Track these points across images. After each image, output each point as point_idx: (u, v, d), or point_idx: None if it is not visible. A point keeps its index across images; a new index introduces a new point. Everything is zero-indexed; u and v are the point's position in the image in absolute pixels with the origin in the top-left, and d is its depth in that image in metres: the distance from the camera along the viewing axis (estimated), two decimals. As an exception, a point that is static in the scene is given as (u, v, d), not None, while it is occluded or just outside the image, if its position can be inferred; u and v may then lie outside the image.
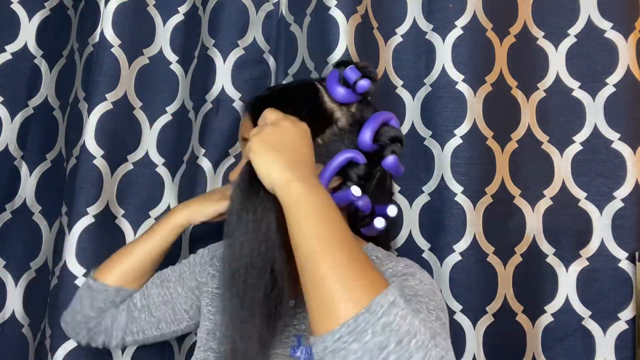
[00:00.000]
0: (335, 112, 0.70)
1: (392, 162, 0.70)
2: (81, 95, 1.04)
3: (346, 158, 0.67)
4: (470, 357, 0.92)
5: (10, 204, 1.08)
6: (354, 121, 0.70)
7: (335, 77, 0.71)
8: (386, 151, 0.70)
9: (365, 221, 0.70)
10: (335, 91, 0.70)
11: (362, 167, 0.67)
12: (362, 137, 0.68)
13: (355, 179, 0.67)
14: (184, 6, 1.10)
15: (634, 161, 0.94)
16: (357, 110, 0.72)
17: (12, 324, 1.07)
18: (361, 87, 0.69)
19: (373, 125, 0.69)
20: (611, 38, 0.97)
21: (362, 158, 0.67)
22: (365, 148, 0.69)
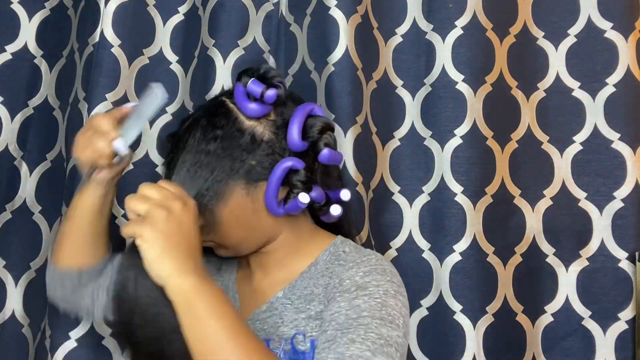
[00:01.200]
0: (256, 128, 0.68)
1: (327, 155, 0.69)
2: (81, 95, 1.03)
3: (284, 169, 0.66)
4: (470, 357, 0.92)
5: (10, 204, 1.08)
6: (277, 128, 0.69)
7: (242, 93, 0.68)
8: (319, 146, 0.69)
9: (323, 210, 0.70)
10: (247, 110, 0.67)
11: (302, 172, 0.67)
12: (291, 141, 0.67)
13: (300, 185, 0.67)
14: (184, 6, 1.10)
15: (634, 161, 0.94)
16: (276, 115, 0.69)
17: (12, 324, 1.07)
18: (269, 98, 0.67)
19: (297, 124, 0.67)
20: (611, 38, 0.97)
21: (299, 163, 0.67)
22: (298, 149, 0.68)
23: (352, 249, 0.71)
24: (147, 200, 0.58)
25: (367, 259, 0.68)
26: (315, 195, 0.68)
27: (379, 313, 0.61)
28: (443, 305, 0.94)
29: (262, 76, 0.69)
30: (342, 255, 0.70)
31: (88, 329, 0.96)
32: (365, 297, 0.63)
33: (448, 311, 0.94)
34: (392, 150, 1.02)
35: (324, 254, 0.71)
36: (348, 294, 0.64)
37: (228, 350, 0.55)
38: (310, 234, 0.74)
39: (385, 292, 0.64)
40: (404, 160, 1.02)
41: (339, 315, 0.62)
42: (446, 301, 0.94)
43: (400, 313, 0.63)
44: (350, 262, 0.68)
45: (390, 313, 0.62)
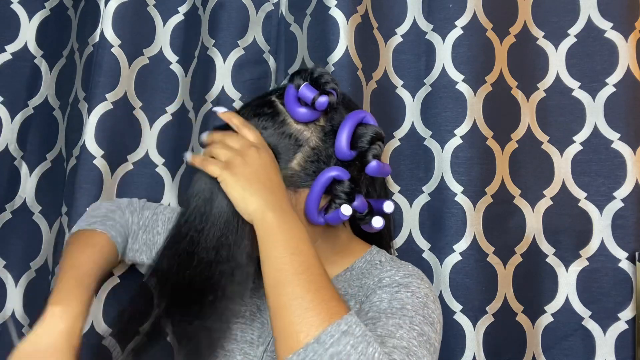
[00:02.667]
0: (303, 133, 0.66)
1: (375, 167, 0.67)
2: (81, 95, 1.04)
3: (328, 178, 0.65)
4: (470, 357, 0.92)
5: (10, 204, 1.08)
6: (325, 135, 0.67)
7: (293, 97, 0.67)
8: (367, 157, 0.67)
9: (365, 219, 0.68)
10: (296, 114, 0.66)
11: (346, 183, 0.65)
12: (338, 149, 0.66)
13: (343, 196, 0.65)
14: (184, 6, 1.10)
15: (634, 161, 0.94)
16: (325, 120, 0.68)
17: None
18: (321, 105, 0.65)
19: (347, 132, 0.66)
20: (611, 38, 0.97)
21: (344, 174, 0.65)
22: (345, 158, 0.66)
23: (388, 259, 0.72)
24: (228, 148, 0.63)
25: (405, 266, 0.69)
26: (357, 205, 0.66)
27: (422, 311, 0.61)
28: (443, 305, 0.94)
29: (315, 80, 0.67)
30: (378, 264, 0.70)
31: (88, 329, 0.96)
32: (408, 293, 0.63)
33: (448, 311, 0.94)
34: (392, 150, 1.02)
35: (360, 261, 0.72)
36: (389, 288, 0.64)
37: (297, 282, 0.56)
38: (346, 244, 0.74)
39: (426, 295, 0.64)
40: (404, 160, 1.02)
41: (381, 302, 0.62)
42: (446, 301, 0.94)
43: (439, 319, 0.63)
44: (389, 267, 0.68)
45: (431, 315, 0.62)
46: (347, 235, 0.75)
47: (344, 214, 0.64)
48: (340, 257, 0.73)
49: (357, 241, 0.76)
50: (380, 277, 0.66)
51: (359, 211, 0.67)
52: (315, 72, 0.68)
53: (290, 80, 0.69)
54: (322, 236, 0.70)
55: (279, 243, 0.59)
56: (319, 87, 0.66)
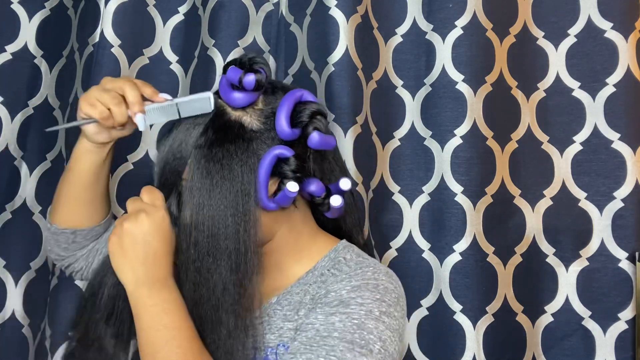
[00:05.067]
0: (243, 119, 0.64)
1: (316, 140, 0.64)
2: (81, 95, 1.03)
3: (271, 159, 0.63)
4: (470, 357, 0.92)
5: (10, 204, 1.08)
6: (265, 118, 0.65)
7: (225, 84, 0.65)
8: (308, 129, 0.64)
9: (325, 205, 0.65)
10: (231, 99, 0.64)
11: (292, 160, 0.63)
12: (279, 128, 0.64)
13: (291, 175, 0.63)
14: (184, 6, 1.10)
15: (634, 161, 0.94)
16: (264, 104, 0.66)
17: (12, 324, 1.07)
18: (248, 84, 0.63)
19: (285, 111, 0.64)
20: (611, 38, 0.97)
21: (287, 150, 0.63)
22: (288, 137, 0.64)
23: (353, 257, 0.68)
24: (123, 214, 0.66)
25: (362, 272, 0.64)
26: (315, 189, 0.64)
27: (351, 336, 0.58)
28: (443, 305, 0.94)
29: (241, 63, 0.65)
30: (341, 262, 0.67)
31: (88, 329, 0.96)
32: (342, 316, 0.60)
33: (448, 311, 0.94)
34: (392, 150, 1.02)
35: (323, 260, 0.68)
36: (328, 308, 0.61)
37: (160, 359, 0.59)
38: (310, 236, 0.71)
39: (368, 312, 0.60)
40: (404, 160, 1.02)
41: (311, 327, 0.60)
42: (446, 301, 0.94)
43: (380, 337, 0.59)
44: (344, 274, 0.65)
45: (365, 337, 0.58)
46: (310, 228, 0.71)
47: (290, 190, 0.62)
48: (306, 254, 0.69)
49: (323, 236, 0.72)
50: (328, 290, 0.63)
51: (316, 195, 0.65)
52: (245, 57, 0.66)
53: (223, 72, 0.67)
54: (282, 226, 0.68)
55: (143, 320, 0.61)
56: (244, 68, 0.65)
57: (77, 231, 0.79)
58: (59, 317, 0.95)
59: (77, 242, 0.80)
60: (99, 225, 0.80)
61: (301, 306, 0.65)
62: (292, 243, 0.69)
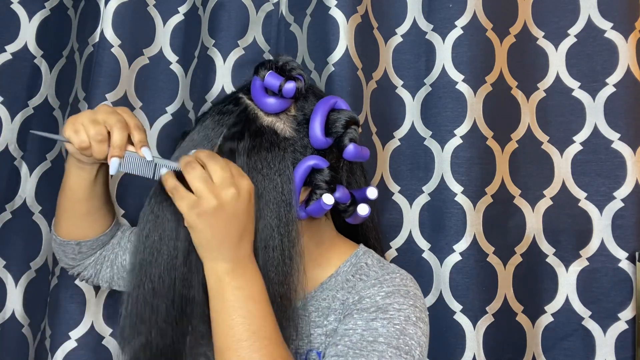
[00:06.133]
0: (275, 125, 0.63)
1: (353, 151, 0.64)
2: (81, 95, 1.03)
3: (306, 168, 0.62)
4: (470, 357, 0.92)
5: (10, 204, 1.08)
6: (298, 124, 0.64)
7: (259, 88, 0.64)
8: (344, 141, 0.64)
9: (348, 211, 0.65)
10: (265, 105, 0.63)
11: (326, 172, 0.62)
12: (313, 137, 0.63)
13: (324, 186, 0.62)
14: (184, 6, 1.10)
15: (634, 161, 0.94)
16: (296, 110, 0.65)
17: (12, 324, 1.07)
18: (288, 92, 0.62)
19: (320, 119, 0.63)
20: (611, 38, 0.97)
21: (322, 162, 0.62)
22: (321, 146, 0.63)
23: (375, 262, 0.68)
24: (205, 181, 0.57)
25: (391, 278, 0.64)
26: (340, 196, 0.63)
27: (396, 341, 0.58)
28: (443, 305, 0.94)
29: (280, 68, 0.64)
30: (364, 268, 0.67)
31: (88, 329, 0.96)
32: (384, 321, 0.59)
33: (448, 311, 0.94)
34: (392, 150, 1.02)
35: (345, 265, 0.68)
36: (367, 314, 0.60)
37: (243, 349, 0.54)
38: (331, 241, 0.70)
39: (407, 318, 0.60)
40: (404, 160, 1.02)
41: (353, 332, 0.59)
42: (446, 301, 0.94)
43: (419, 343, 0.59)
44: (373, 279, 0.64)
45: (408, 343, 0.58)
46: (331, 234, 0.71)
47: (326, 203, 0.61)
48: (326, 258, 0.69)
49: (343, 240, 0.72)
50: (361, 296, 0.63)
51: (341, 202, 0.64)
52: (280, 61, 0.65)
53: (255, 73, 0.65)
54: (305, 234, 0.65)
55: (227, 306, 0.56)
56: (284, 74, 0.64)
57: (81, 242, 0.78)
58: (59, 317, 0.94)
59: (83, 252, 0.79)
60: (103, 234, 0.79)
61: (330, 312, 0.65)
62: (313, 248, 0.68)
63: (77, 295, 0.95)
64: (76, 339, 0.95)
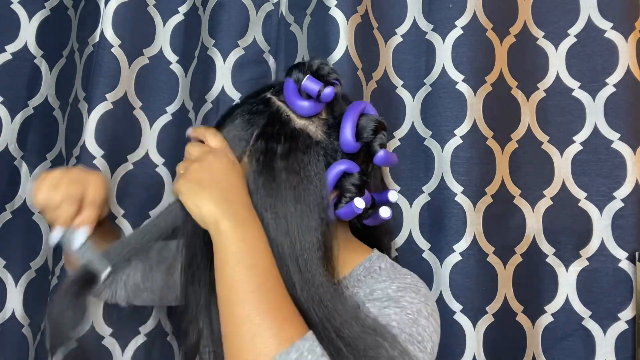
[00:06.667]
0: (308, 128, 0.64)
1: (383, 157, 0.65)
2: (81, 95, 1.04)
3: (338, 172, 0.63)
4: (470, 357, 0.92)
5: (10, 204, 1.08)
6: (329, 128, 0.65)
7: (293, 90, 0.64)
8: (374, 147, 0.64)
9: (368, 213, 0.66)
10: (299, 108, 0.63)
11: (356, 176, 0.63)
12: (344, 141, 0.63)
13: (353, 190, 0.63)
14: (184, 6, 1.10)
15: (634, 161, 0.94)
16: (327, 113, 0.66)
17: (12, 324, 1.07)
18: (326, 97, 0.63)
19: (351, 124, 0.63)
20: (611, 38, 0.97)
21: (354, 166, 0.63)
22: (352, 150, 0.64)
23: (388, 266, 0.68)
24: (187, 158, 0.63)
25: (403, 277, 0.65)
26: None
27: (409, 329, 0.58)
28: (443, 305, 0.94)
29: (316, 73, 0.64)
30: (377, 271, 0.67)
31: (88, 329, 0.96)
32: (397, 309, 0.59)
33: (448, 311, 0.94)
34: (392, 151, 1.02)
35: (358, 268, 0.68)
36: (379, 302, 0.60)
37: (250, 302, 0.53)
38: (345, 245, 0.70)
39: (419, 311, 0.60)
40: (404, 160, 1.02)
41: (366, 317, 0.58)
42: (446, 301, 0.94)
43: (431, 337, 0.59)
44: (384, 276, 0.65)
45: (421, 333, 0.58)
46: (346, 237, 0.72)
47: (358, 207, 0.62)
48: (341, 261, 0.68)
49: (357, 244, 0.73)
50: (373, 289, 0.63)
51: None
52: (315, 64, 0.65)
53: (288, 74, 0.66)
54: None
55: (231, 256, 0.55)
56: (322, 79, 0.64)
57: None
58: (59, 317, 0.94)
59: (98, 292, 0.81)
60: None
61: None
62: None
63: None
64: (76, 339, 0.95)
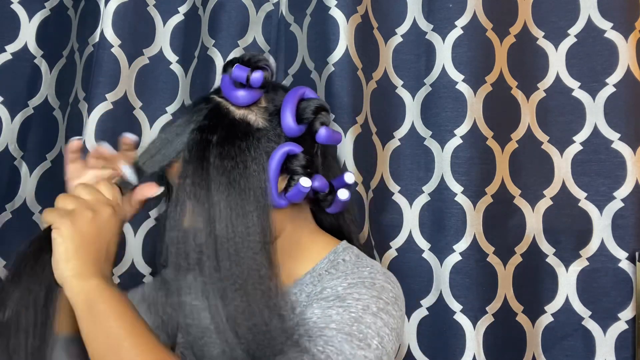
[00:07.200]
0: (247, 117, 0.65)
1: (325, 134, 0.65)
2: (81, 95, 1.04)
3: (281, 155, 0.63)
4: (470, 357, 0.92)
5: (10, 204, 1.08)
6: (270, 115, 0.65)
7: (228, 83, 0.65)
8: (315, 125, 0.65)
9: (327, 200, 0.66)
10: (235, 98, 0.64)
11: (301, 156, 0.64)
12: (285, 125, 0.64)
13: (300, 170, 0.63)
14: (184, 6, 1.10)
15: (634, 161, 0.94)
16: (267, 101, 0.67)
17: (12, 324, 1.07)
18: (256, 81, 0.64)
19: (290, 107, 0.64)
20: (611, 38, 0.97)
21: (296, 147, 0.63)
22: (294, 133, 0.65)
23: (352, 258, 0.67)
24: (78, 199, 0.60)
25: (359, 271, 0.64)
26: (319, 185, 0.65)
27: (349, 328, 0.58)
28: (443, 305, 0.94)
29: (246, 62, 0.65)
30: (340, 263, 0.67)
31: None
32: (340, 309, 0.59)
33: (448, 311, 0.94)
34: (392, 150, 1.02)
35: (322, 262, 0.68)
36: (325, 302, 0.61)
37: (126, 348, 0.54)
38: (310, 236, 0.71)
39: (365, 307, 0.60)
40: (404, 160, 1.02)
41: (308, 320, 0.60)
42: (446, 301, 0.94)
43: (378, 333, 0.59)
44: (340, 272, 0.65)
45: (363, 331, 0.58)
46: (311, 227, 0.72)
47: (304, 185, 0.62)
48: (307, 255, 0.69)
49: (324, 236, 0.72)
50: (324, 287, 0.63)
51: (320, 191, 0.65)
52: (245, 56, 0.66)
53: (223, 71, 0.67)
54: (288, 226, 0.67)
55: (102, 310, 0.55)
56: (250, 65, 0.65)
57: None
58: (59, 317, 0.94)
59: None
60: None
61: (297, 305, 0.65)
62: (294, 243, 0.69)
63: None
64: (76, 339, 0.95)
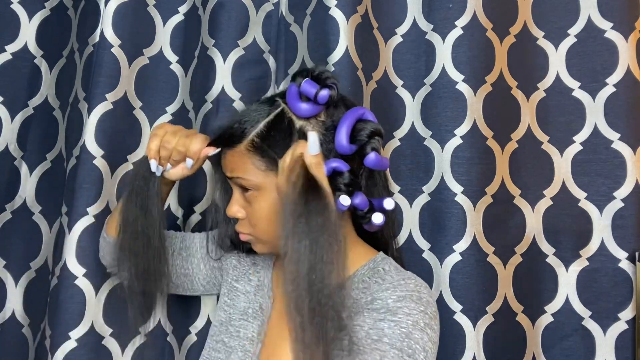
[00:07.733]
0: (305, 128, 0.69)
1: (373, 159, 0.68)
2: (81, 95, 1.04)
3: (328, 170, 0.66)
4: (470, 357, 0.92)
5: (10, 204, 1.08)
6: (326, 129, 0.69)
7: (294, 94, 0.70)
8: (366, 149, 0.68)
9: (366, 218, 0.69)
10: (298, 110, 0.69)
11: (346, 175, 0.66)
12: (338, 142, 0.68)
13: (343, 188, 0.66)
14: (184, 6, 1.10)
15: (634, 161, 0.94)
16: (326, 116, 0.71)
17: (12, 324, 1.07)
18: (322, 98, 0.68)
19: (346, 127, 0.68)
20: (611, 38, 0.97)
21: (344, 165, 0.66)
22: (345, 152, 0.68)
23: (392, 268, 0.71)
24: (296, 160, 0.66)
25: (406, 283, 0.67)
26: (359, 202, 0.67)
27: (400, 344, 0.60)
28: (443, 305, 0.94)
29: (316, 77, 0.69)
30: (381, 272, 0.70)
31: (88, 329, 0.96)
32: (391, 323, 0.62)
33: (448, 311, 0.94)
34: (392, 150, 1.02)
35: (362, 268, 0.72)
36: (376, 314, 0.63)
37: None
38: (351, 244, 0.74)
39: (415, 323, 0.63)
40: (404, 160, 1.02)
41: (360, 329, 0.62)
42: (446, 301, 0.94)
43: (424, 348, 0.62)
44: (388, 283, 0.67)
45: (412, 346, 0.61)
46: (352, 238, 0.75)
47: (343, 204, 0.64)
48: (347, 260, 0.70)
49: (362, 245, 0.76)
50: (374, 297, 0.66)
51: (360, 208, 0.68)
52: (316, 70, 0.70)
53: (292, 80, 0.71)
54: None
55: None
56: (320, 82, 0.69)
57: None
58: (59, 317, 0.94)
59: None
60: None
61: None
62: None
63: (77, 295, 0.95)
64: (76, 339, 0.95)
